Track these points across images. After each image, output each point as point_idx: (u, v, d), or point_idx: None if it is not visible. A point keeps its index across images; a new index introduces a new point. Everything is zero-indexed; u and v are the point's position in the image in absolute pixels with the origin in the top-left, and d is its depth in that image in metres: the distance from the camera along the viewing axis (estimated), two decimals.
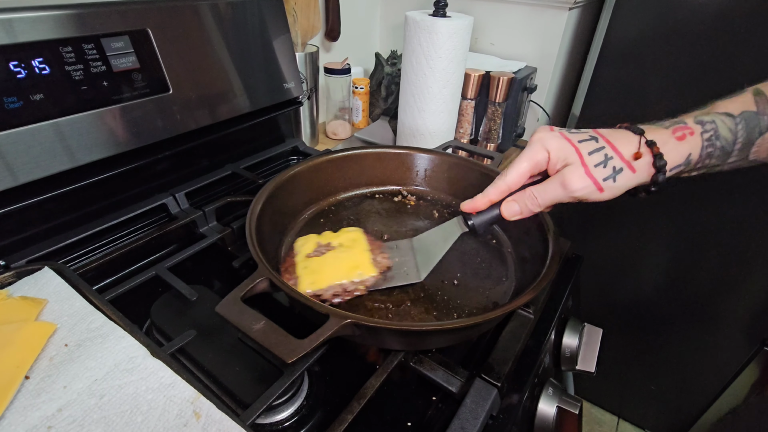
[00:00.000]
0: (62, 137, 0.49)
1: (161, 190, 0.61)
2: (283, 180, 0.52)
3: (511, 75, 0.87)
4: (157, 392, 0.31)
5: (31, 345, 0.32)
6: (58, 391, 0.30)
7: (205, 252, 0.54)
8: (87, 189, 0.53)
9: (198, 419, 0.29)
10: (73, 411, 0.29)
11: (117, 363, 0.32)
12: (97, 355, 0.33)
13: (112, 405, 0.30)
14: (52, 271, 0.40)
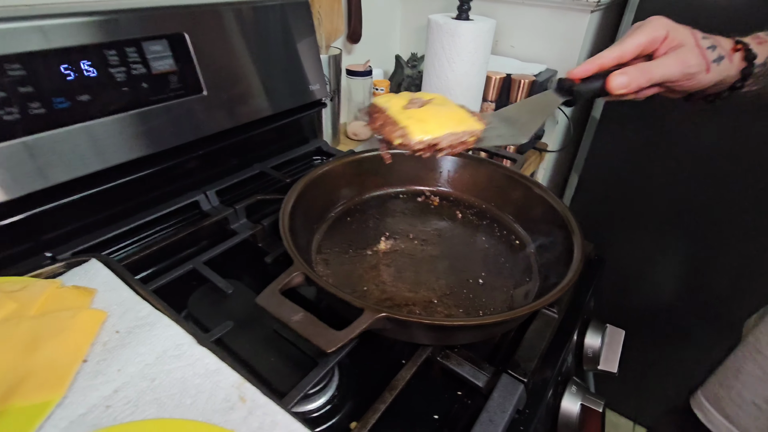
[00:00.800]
0: (104, 136, 0.51)
1: (193, 188, 0.64)
2: (314, 178, 0.54)
3: (532, 78, 0.88)
4: (203, 377, 0.33)
5: (87, 330, 0.35)
6: (113, 373, 0.32)
7: (237, 248, 0.56)
8: (125, 186, 0.56)
9: (243, 403, 0.31)
10: (128, 392, 0.31)
11: (165, 349, 0.34)
12: (146, 342, 0.35)
13: (163, 388, 0.32)
14: (100, 262, 0.43)
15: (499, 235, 0.57)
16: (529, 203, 0.56)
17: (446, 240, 0.56)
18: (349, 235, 0.56)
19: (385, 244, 0.54)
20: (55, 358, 0.32)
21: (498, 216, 0.60)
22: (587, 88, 0.42)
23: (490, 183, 0.61)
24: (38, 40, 0.45)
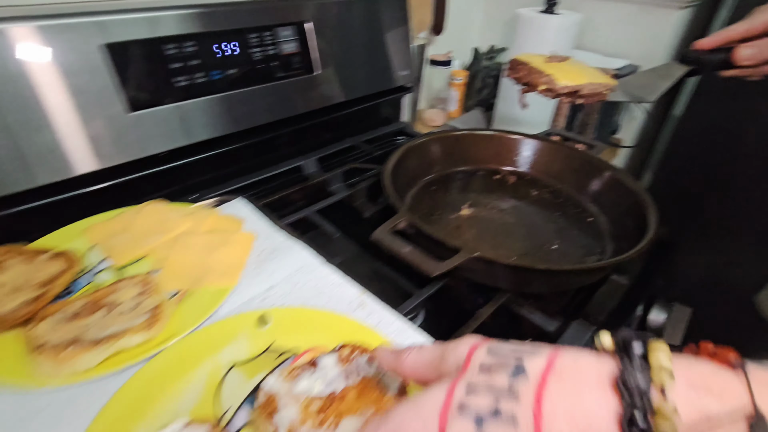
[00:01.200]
0: (238, 105, 0.63)
1: (296, 155, 0.75)
2: (412, 146, 0.62)
3: (613, 71, 0.90)
4: (332, 287, 0.42)
5: (245, 244, 0.45)
6: (266, 277, 0.43)
7: (335, 206, 0.66)
8: (247, 148, 0.67)
9: (364, 307, 0.40)
10: (279, 290, 0.41)
11: (301, 265, 0.44)
12: (286, 258, 0.45)
13: (303, 291, 0.41)
14: (243, 200, 0.54)
15: (573, 213, 0.62)
16: (605, 185, 0.61)
17: (522, 212, 0.62)
18: (435, 201, 0.63)
19: (467, 211, 0.61)
20: (226, 260, 0.43)
21: (573, 196, 0.65)
22: (713, 59, 0.46)
23: (567, 166, 0.66)
24: (203, 23, 0.56)
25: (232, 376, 0.33)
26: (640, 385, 0.17)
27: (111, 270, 0.42)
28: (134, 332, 0.33)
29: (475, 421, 0.18)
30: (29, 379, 0.31)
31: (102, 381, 0.32)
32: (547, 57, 0.54)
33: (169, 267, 0.42)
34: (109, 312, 0.35)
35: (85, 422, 0.29)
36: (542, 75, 0.50)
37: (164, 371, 0.32)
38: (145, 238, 0.45)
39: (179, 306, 0.38)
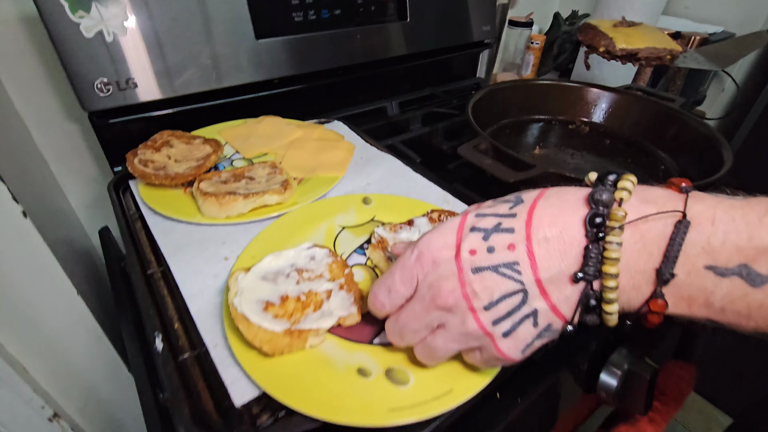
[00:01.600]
0: (341, 43, 0.70)
1: (381, 98, 0.82)
2: (496, 89, 0.67)
3: (704, 35, 0.87)
4: (421, 187, 0.49)
5: (349, 149, 0.54)
6: (365, 176, 0.51)
7: (414, 140, 0.72)
8: (341, 85, 0.75)
9: (448, 204, 0.47)
10: (375, 186, 0.49)
11: (392, 170, 0.52)
12: (381, 164, 0.53)
13: (396, 188, 0.49)
14: (341, 122, 0.62)
15: (644, 161, 0.64)
16: (684, 138, 0.62)
17: (594, 156, 0.65)
18: (509, 141, 0.68)
19: (539, 151, 0.66)
20: (334, 159, 0.51)
21: (646, 146, 0.67)
22: None
23: (642, 117, 0.68)
24: None
25: (344, 234, 0.41)
26: (603, 198, 0.22)
27: (242, 160, 0.52)
28: (273, 193, 0.42)
29: (483, 234, 0.24)
30: (199, 217, 0.41)
31: (250, 225, 0.42)
32: (617, 22, 0.57)
33: (287, 161, 0.51)
34: (250, 181, 0.45)
35: (238, 248, 0.39)
36: (605, 37, 0.54)
37: (295, 222, 0.41)
38: (267, 140, 0.55)
39: (300, 185, 0.47)
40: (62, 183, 0.66)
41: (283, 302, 0.31)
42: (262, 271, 0.33)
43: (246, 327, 0.28)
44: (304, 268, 0.34)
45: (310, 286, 0.33)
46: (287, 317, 0.30)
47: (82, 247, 0.68)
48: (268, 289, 0.31)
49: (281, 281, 0.33)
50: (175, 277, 0.35)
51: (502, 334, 0.25)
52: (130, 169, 0.44)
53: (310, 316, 0.31)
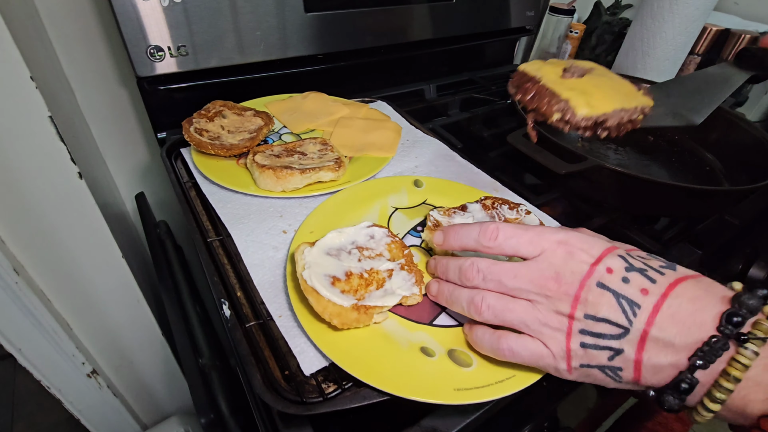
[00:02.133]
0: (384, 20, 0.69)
1: (418, 80, 0.81)
2: None
3: (755, 33, 0.85)
4: (470, 173, 0.49)
5: (397, 130, 0.53)
6: (413, 158, 0.51)
7: (452, 125, 0.72)
8: (384, 63, 0.74)
9: (497, 192, 0.47)
10: (422, 168, 0.49)
11: (441, 154, 0.52)
12: (428, 147, 0.53)
13: (444, 173, 0.49)
14: (385, 102, 0.62)
15: (689, 160, 0.63)
16: (726, 134, 0.61)
17: (636, 154, 0.64)
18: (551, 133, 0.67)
19: (581, 144, 0.65)
20: (382, 139, 0.51)
21: (691, 147, 0.65)
22: None
23: None
24: None
25: (396, 216, 0.42)
26: (750, 303, 0.21)
27: (291, 134, 0.52)
28: (327, 170, 0.42)
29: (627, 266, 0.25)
30: (254, 189, 0.42)
31: (304, 199, 0.42)
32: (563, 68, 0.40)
33: (335, 138, 0.51)
34: (303, 157, 0.45)
35: (295, 222, 0.39)
36: (555, 100, 0.35)
37: (349, 200, 0.42)
38: (313, 116, 0.55)
39: (350, 163, 0.47)
40: (102, 148, 0.67)
41: (348, 278, 0.32)
42: (326, 246, 0.33)
43: (317, 300, 0.29)
44: (364, 246, 0.35)
45: (371, 264, 0.33)
46: (353, 293, 0.31)
47: (119, 212, 0.70)
48: (333, 265, 0.32)
49: (344, 257, 0.33)
50: (237, 246, 0.36)
51: (579, 344, 0.25)
52: (187, 137, 0.44)
53: (373, 293, 0.31)
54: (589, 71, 0.38)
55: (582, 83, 0.36)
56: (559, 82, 0.36)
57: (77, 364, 0.58)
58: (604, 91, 0.36)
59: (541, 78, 0.37)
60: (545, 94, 0.35)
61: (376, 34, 0.70)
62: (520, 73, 0.39)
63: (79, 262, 0.51)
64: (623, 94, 0.36)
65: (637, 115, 0.36)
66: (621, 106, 0.35)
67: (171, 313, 0.52)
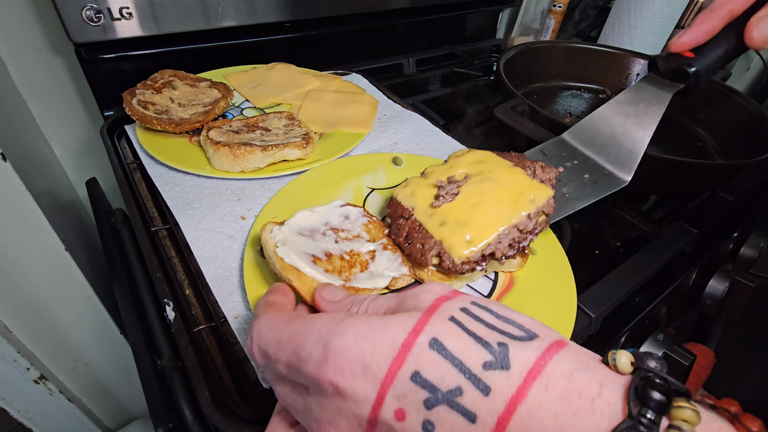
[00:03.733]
0: None
1: (397, 54, 0.75)
2: (528, 48, 0.62)
3: None
4: (452, 150, 0.44)
5: (372, 104, 0.48)
6: (391, 134, 0.46)
7: (432, 101, 0.67)
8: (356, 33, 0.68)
9: None
10: (402, 145, 0.44)
11: (421, 130, 0.47)
12: (408, 122, 0.48)
13: (424, 150, 0.44)
14: (360, 75, 0.56)
15: (680, 137, 0.60)
16: (724, 114, 0.58)
17: None
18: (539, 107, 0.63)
19: (569, 119, 0.61)
20: (357, 113, 0.46)
21: (683, 122, 0.63)
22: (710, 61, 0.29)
23: None
24: None
25: (373, 197, 0.37)
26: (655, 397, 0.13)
27: (254, 109, 0.47)
28: (293, 147, 0.37)
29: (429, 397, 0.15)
30: (209, 169, 0.36)
31: (267, 181, 0.37)
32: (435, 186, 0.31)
33: (304, 113, 0.46)
34: (266, 133, 0.40)
35: (256, 206, 0.34)
36: (428, 242, 0.28)
37: (319, 179, 0.37)
38: (279, 88, 0.49)
39: (320, 140, 0.42)
40: (44, 127, 0.60)
41: (328, 258, 0.27)
42: (297, 226, 0.28)
43: (299, 279, 0.23)
44: (339, 227, 0.30)
45: (350, 246, 0.29)
46: (337, 274, 0.26)
47: (67, 199, 0.63)
48: (309, 244, 0.27)
49: (319, 239, 0.29)
50: (185, 236, 0.31)
51: None
52: (128, 111, 0.38)
53: (359, 275, 0.27)
54: (465, 180, 0.31)
55: (457, 209, 0.29)
56: (430, 214, 0.30)
57: (21, 369, 0.52)
58: (484, 209, 0.29)
59: (413, 209, 0.30)
60: (418, 234, 0.29)
61: (351, 1, 0.64)
62: (394, 203, 0.32)
63: (10, 255, 0.45)
64: (511, 200, 0.29)
65: (533, 223, 0.29)
66: (509, 222, 0.28)
67: (124, 310, 0.47)
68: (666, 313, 0.48)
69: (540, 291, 0.30)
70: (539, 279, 0.31)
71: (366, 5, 0.66)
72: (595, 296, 0.35)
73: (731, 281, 0.50)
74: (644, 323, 0.43)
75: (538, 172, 0.32)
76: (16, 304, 0.48)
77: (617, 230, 0.50)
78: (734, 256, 0.57)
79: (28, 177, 0.44)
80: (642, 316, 0.40)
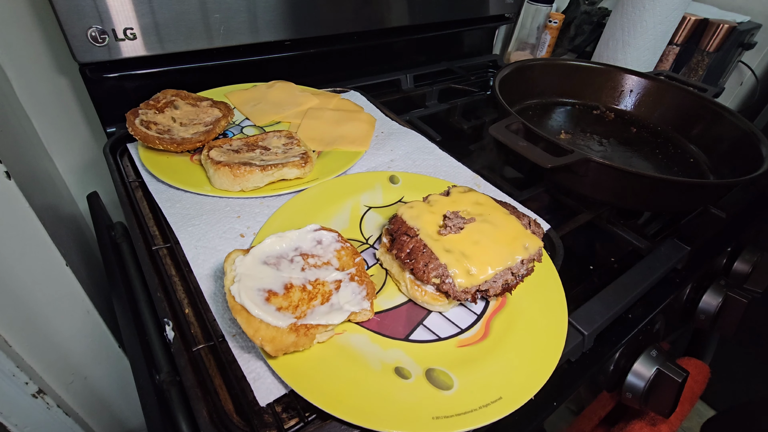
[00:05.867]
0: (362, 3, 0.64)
1: (395, 70, 0.77)
2: (524, 65, 0.64)
3: (732, 23, 0.84)
4: (449, 167, 0.45)
5: (370, 122, 0.49)
6: (388, 151, 0.47)
7: (430, 117, 0.68)
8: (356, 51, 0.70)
9: (479, 188, 0.43)
10: (399, 163, 0.45)
11: (418, 147, 0.48)
12: (404, 139, 0.49)
13: (420, 167, 0.45)
14: (358, 92, 0.58)
15: (672, 152, 0.61)
16: (717, 131, 0.59)
17: (620, 145, 0.62)
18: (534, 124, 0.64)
19: (564, 136, 0.62)
20: (355, 132, 0.47)
21: (675, 138, 0.64)
22: None
23: (673, 107, 0.65)
24: None
25: (370, 216, 0.38)
26: None
27: (254, 127, 0.48)
28: (292, 166, 0.38)
29: None
30: (209, 188, 0.37)
31: (266, 199, 0.37)
32: (442, 216, 0.34)
33: (303, 131, 0.47)
34: (265, 152, 0.41)
35: (255, 224, 0.35)
36: (433, 263, 0.30)
37: (317, 198, 0.38)
38: (279, 107, 0.50)
39: (318, 159, 0.43)
40: (47, 143, 0.60)
41: (287, 292, 0.27)
42: (263, 253, 0.29)
43: (246, 321, 0.25)
44: (309, 252, 0.31)
45: (316, 274, 0.29)
46: (292, 310, 0.27)
47: (68, 214, 0.63)
48: (270, 276, 0.28)
49: (285, 267, 0.29)
50: (185, 254, 0.31)
51: None
52: (131, 131, 0.39)
53: (317, 309, 0.27)
54: (470, 221, 0.33)
55: (461, 241, 0.32)
56: (436, 238, 0.32)
57: (20, 383, 0.52)
58: (485, 249, 0.31)
59: (419, 230, 0.32)
60: (422, 253, 0.31)
61: (349, 20, 0.65)
62: (398, 220, 0.34)
63: (13, 271, 0.46)
64: (508, 244, 0.32)
65: (524, 269, 0.32)
66: (504, 265, 0.31)
67: (123, 324, 0.47)
68: (661, 328, 0.49)
69: (532, 309, 0.31)
70: (531, 298, 0.32)
71: (365, 23, 0.67)
72: (587, 313, 0.36)
73: (724, 296, 0.51)
74: (638, 339, 0.43)
75: (531, 225, 0.35)
76: (16, 318, 0.49)
77: (611, 246, 0.51)
78: (727, 271, 0.58)
79: (30, 192, 0.45)
80: (635, 332, 0.41)
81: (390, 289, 0.33)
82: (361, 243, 0.36)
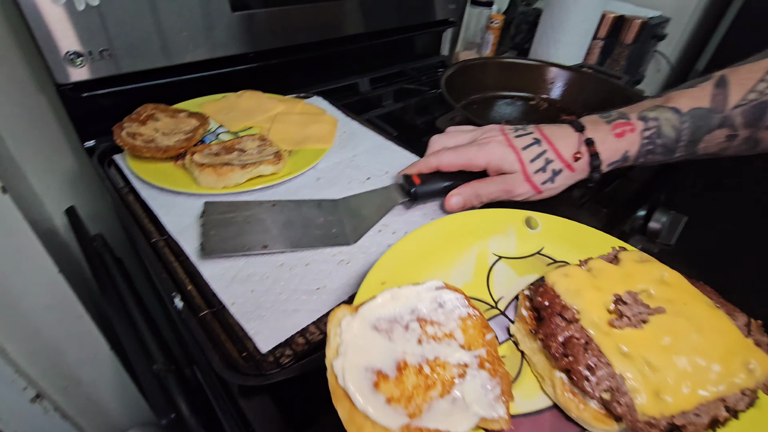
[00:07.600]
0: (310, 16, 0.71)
1: (352, 74, 0.83)
2: (468, 64, 0.72)
3: (644, 19, 0.96)
4: (403, 159, 0.53)
5: (333, 123, 0.56)
6: (350, 149, 0.53)
7: (386, 116, 0.75)
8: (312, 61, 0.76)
9: None
10: (361, 158, 0.52)
11: (375, 145, 0.55)
12: (364, 138, 0.56)
13: (380, 161, 0.52)
14: (320, 97, 0.64)
15: None
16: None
17: None
18: (477, 116, 0.73)
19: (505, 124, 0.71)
20: (320, 132, 0.53)
21: None
22: (425, 190, 0.41)
23: (594, 94, 0.75)
24: None
25: (500, 268, 0.32)
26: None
27: (228, 133, 0.53)
28: (267, 163, 0.44)
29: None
30: (195, 188, 0.43)
31: (246, 194, 0.43)
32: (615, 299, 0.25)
33: (274, 134, 0.53)
34: (242, 153, 0.46)
35: None
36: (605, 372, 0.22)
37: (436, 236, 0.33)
38: (250, 114, 0.56)
39: (290, 157, 0.49)
40: (20, 160, 0.63)
41: (399, 374, 0.21)
42: (374, 314, 0.23)
43: (349, 415, 0.20)
44: (428, 318, 0.24)
45: (436, 351, 0.23)
46: (404, 403, 0.20)
47: (48, 228, 0.66)
48: (380, 349, 0.22)
49: (398, 335, 0.23)
50: (183, 249, 0.37)
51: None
52: (119, 142, 0.44)
53: (435, 404, 0.21)
54: (657, 312, 0.24)
55: (645, 342, 0.23)
56: (607, 331, 0.23)
57: (18, 389, 0.55)
58: (682, 360, 0.22)
59: (580, 314, 0.24)
60: (587, 351, 0.22)
61: (307, 31, 0.71)
62: (549, 293, 0.25)
63: (11, 281, 0.49)
64: (720, 359, 0.22)
65: (745, 402, 0.22)
66: (715, 392, 0.21)
67: (119, 324, 0.52)
68: None
69: None
70: None
71: (323, 33, 0.74)
72: None
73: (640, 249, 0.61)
74: None
75: (753, 328, 0.24)
76: (14, 325, 0.52)
77: None
78: (644, 230, 0.68)
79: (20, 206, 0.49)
80: None
81: (527, 382, 0.25)
82: (489, 307, 0.29)
